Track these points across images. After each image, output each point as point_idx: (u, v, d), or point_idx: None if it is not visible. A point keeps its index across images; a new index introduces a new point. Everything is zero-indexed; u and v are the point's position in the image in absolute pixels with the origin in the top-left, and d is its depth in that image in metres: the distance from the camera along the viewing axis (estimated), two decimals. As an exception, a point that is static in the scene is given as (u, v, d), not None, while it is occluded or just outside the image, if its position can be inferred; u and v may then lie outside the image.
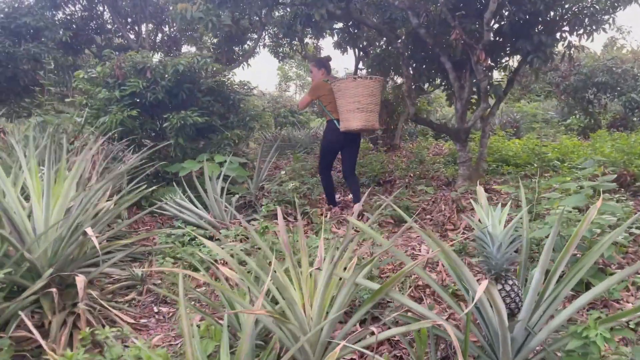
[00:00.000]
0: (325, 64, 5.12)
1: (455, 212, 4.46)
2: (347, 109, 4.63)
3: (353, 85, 4.56)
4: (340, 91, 4.64)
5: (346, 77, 5.10)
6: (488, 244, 1.72)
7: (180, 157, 5.49)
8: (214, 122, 5.70)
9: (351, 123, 4.64)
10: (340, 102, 4.69)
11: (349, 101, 4.61)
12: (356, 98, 4.59)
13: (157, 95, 5.29)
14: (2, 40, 7.71)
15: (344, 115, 4.69)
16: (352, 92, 4.57)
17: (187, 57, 5.47)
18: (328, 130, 5.05)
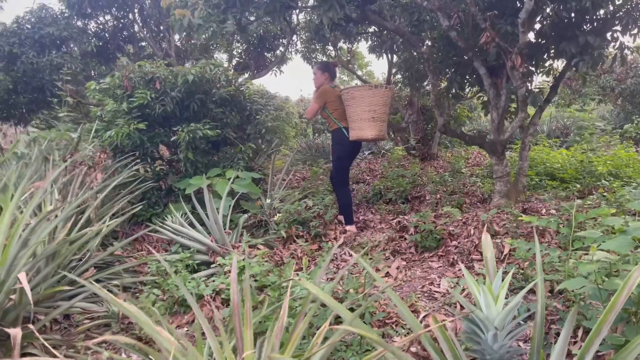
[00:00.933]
0: (330, 69, 4.89)
1: (486, 238, 3.97)
2: (361, 117, 4.49)
3: (369, 94, 4.44)
4: (355, 99, 4.49)
5: (361, 86, 4.83)
6: (481, 329, 1.30)
7: (191, 172, 5.24)
8: (227, 135, 5.42)
9: (365, 132, 4.53)
10: (354, 111, 4.53)
11: (364, 110, 4.49)
12: (372, 107, 4.51)
13: (167, 107, 5.06)
14: (27, 50, 7.76)
15: (357, 124, 4.54)
16: (368, 100, 4.44)
17: (198, 67, 5.23)
18: (337, 140, 4.76)
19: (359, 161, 11.32)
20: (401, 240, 4.22)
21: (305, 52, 11.97)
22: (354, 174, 8.58)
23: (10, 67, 7.84)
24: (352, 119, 4.60)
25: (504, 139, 5.26)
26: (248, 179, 4.99)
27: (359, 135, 4.57)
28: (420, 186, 6.77)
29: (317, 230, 4.34)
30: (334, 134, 4.82)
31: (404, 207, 5.36)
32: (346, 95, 4.61)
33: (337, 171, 4.81)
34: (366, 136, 4.53)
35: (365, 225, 4.89)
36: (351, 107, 4.58)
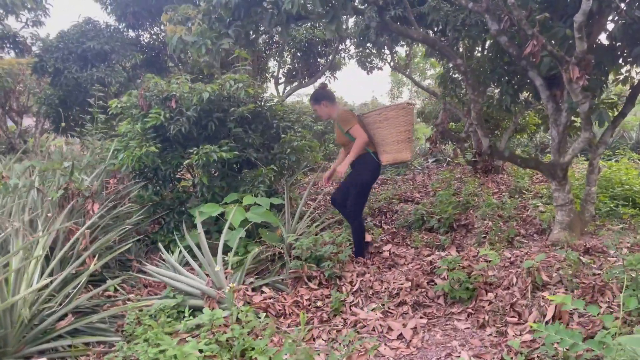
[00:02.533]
0: (326, 95, 4.50)
1: (529, 290, 3.32)
2: (397, 139, 4.26)
3: (403, 114, 4.23)
4: (388, 120, 4.23)
5: (394, 105, 4.39)
6: None
7: (207, 197, 4.92)
8: (249, 156, 5.05)
9: (403, 154, 4.33)
10: (388, 132, 4.25)
11: (400, 130, 4.27)
12: (407, 127, 4.32)
13: (181, 128, 4.77)
14: (70, 65, 7.86)
15: (393, 147, 4.28)
16: (402, 120, 4.24)
17: (217, 83, 4.90)
18: (366, 165, 4.30)
19: (413, 175, 10.65)
20: (429, 287, 3.63)
21: (359, 57, 11.47)
22: (403, 191, 7.95)
23: (56, 81, 7.99)
24: (386, 141, 4.30)
25: (565, 162, 4.50)
26: (266, 205, 4.58)
27: (395, 158, 4.31)
28: (474, 208, 6.08)
29: (331, 271, 3.84)
30: (363, 159, 4.30)
31: (443, 240, 4.73)
32: (376, 117, 4.30)
33: (356, 202, 4.33)
34: (404, 157, 4.32)
35: (394, 262, 4.33)
36: (384, 129, 4.28)
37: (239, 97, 4.95)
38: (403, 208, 6.60)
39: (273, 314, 3.41)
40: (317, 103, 4.49)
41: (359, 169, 4.35)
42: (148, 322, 3.15)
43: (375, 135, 4.33)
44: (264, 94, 5.39)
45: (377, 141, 4.33)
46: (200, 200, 5.08)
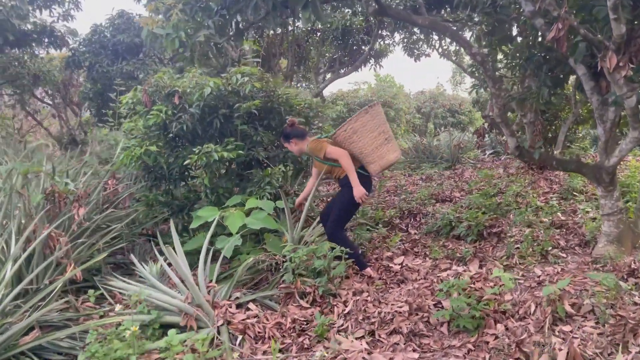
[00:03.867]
0: (295, 132, 4.26)
1: (548, 322, 2.81)
2: (375, 145, 3.98)
3: (369, 118, 3.99)
4: (357, 132, 3.95)
5: (355, 116, 4.03)
6: None
7: (211, 199, 4.69)
8: (257, 156, 4.76)
9: (388, 156, 4.07)
10: (364, 143, 3.95)
11: (374, 136, 3.98)
12: (380, 129, 4.04)
13: (183, 126, 4.55)
14: (102, 59, 7.89)
15: (376, 154, 3.99)
16: (371, 125, 3.99)
17: (220, 78, 4.63)
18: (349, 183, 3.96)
19: (462, 170, 9.99)
20: (433, 311, 3.19)
21: (406, 44, 10.87)
22: (442, 189, 7.40)
23: (90, 75, 8.06)
24: (366, 152, 3.99)
25: (611, 165, 3.87)
26: (269, 209, 4.27)
27: (382, 164, 4.03)
28: (514, 212, 5.48)
29: (325, 288, 3.48)
30: (346, 179, 3.99)
31: (465, 252, 4.23)
32: (344, 134, 4.00)
33: (340, 219, 4.04)
34: (392, 159, 4.10)
35: (404, 277, 3.90)
36: (359, 142, 3.98)
37: (245, 92, 4.65)
38: (436, 210, 6.09)
39: (251, 337, 3.11)
40: (286, 141, 4.31)
41: (345, 189, 4.04)
42: (114, 341, 2.94)
43: (353, 150, 4.01)
44: (277, 87, 5.06)
45: (358, 155, 4.03)
46: (207, 202, 4.86)
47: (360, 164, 4.03)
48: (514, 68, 4.79)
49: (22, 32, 8.33)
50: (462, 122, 19.78)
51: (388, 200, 7.18)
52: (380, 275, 3.96)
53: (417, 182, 9.03)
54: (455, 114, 19.79)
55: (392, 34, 10.13)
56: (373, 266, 4.13)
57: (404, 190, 7.99)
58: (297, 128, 4.32)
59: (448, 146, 11.55)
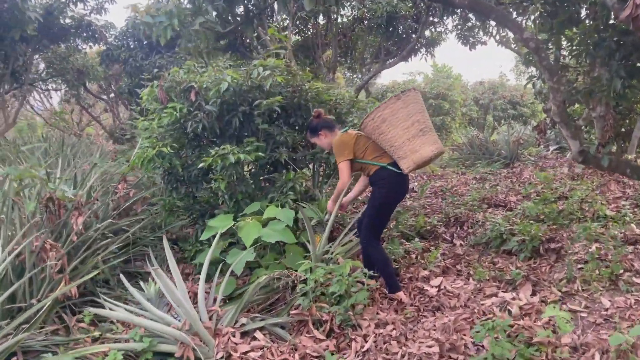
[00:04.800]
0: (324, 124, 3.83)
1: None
2: (407, 137, 3.40)
3: (402, 105, 3.42)
4: (387, 121, 3.41)
5: (385, 102, 3.50)
6: None
7: (229, 205, 4.31)
8: (281, 158, 4.32)
9: (423, 151, 3.39)
10: (394, 134, 3.41)
11: (406, 126, 3.41)
12: (413, 118, 3.44)
13: (199, 125, 4.18)
14: (136, 53, 7.71)
15: (407, 147, 3.39)
16: (403, 113, 3.42)
17: (239, 72, 4.22)
18: (381, 182, 3.49)
19: (521, 168, 9.20)
20: (468, 353, 2.66)
21: (460, 31, 10.10)
22: (496, 192, 6.72)
23: (125, 70, 7.91)
24: (396, 145, 3.43)
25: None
26: (288, 220, 3.84)
27: (415, 159, 3.39)
28: (577, 223, 4.79)
29: (344, 317, 3.01)
30: (375, 177, 3.53)
31: (515, 274, 3.63)
32: (372, 124, 3.50)
33: (373, 225, 3.51)
34: (427, 155, 3.40)
35: (440, 303, 3.35)
36: (388, 132, 3.44)
37: (268, 87, 4.21)
38: (487, 217, 5.46)
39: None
40: (313, 135, 3.87)
41: (375, 188, 3.56)
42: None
43: (382, 143, 3.50)
44: (304, 81, 4.59)
45: (388, 149, 3.49)
46: (227, 209, 4.48)
47: (390, 159, 3.49)
48: (579, 56, 4.10)
49: (61, 26, 8.31)
50: (523, 114, 18.59)
51: (433, 204, 6.59)
52: (413, 301, 3.44)
53: (470, 182, 8.35)
54: (517, 105, 18.61)
55: (442, 19, 9.42)
56: (406, 288, 3.60)
57: (452, 192, 7.35)
58: (325, 119, 3.86)
59: (506, 142, 10.70)
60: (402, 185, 3.48)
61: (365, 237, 3.51)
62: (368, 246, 3.50)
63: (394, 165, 3.44)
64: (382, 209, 3.45)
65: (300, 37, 11.62)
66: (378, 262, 3.47)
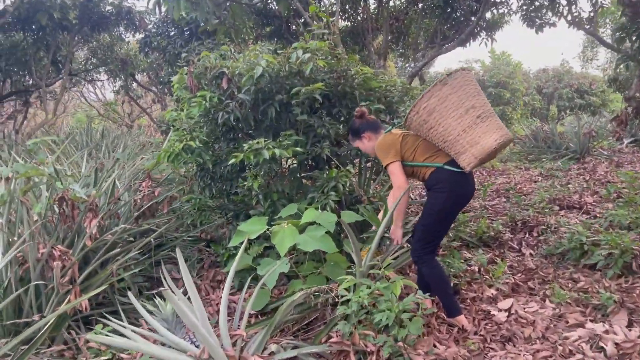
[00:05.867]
0: (373, 124, 3.27)
1: None
2: (462, 127, 2.80)
3: (450, 90, 2.81)
4: (435, 112, 2.84)
5: (429, 88, 2.86)
6: None
7: (264, 206, 3.86)
8: (322, 153, 3.83)
9: (486, 141, 2.75)
10: (444, 128, 2.83)
11: (458, 114, 2.80)
12: (467, 104, 2.80)
13: (230, 116, 3.75)
14: (174, 40, 7.41)
15: (464, 140, 2.79)
16: (454, 100, 2.81)
17: (274, 56, 3.76)
18: (441, 184, 2.90)
19: (594, 164, 8.34)
20: None
21: (525, 12, 9.24)
22: (567, 192, 5.98)
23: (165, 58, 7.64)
24: (450, 140, 2.83)
25: None
26: (329, 225, 3.35)
27: (478, 152, 2.74)
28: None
29: (393, 349, 2.49)
30: (432, 180, 2.94)
31: (605, 298, 2.99)
32: (418, 118, 2.90)
33: (428, 237, 2.95)
34: (490, 145, 2.73)
35: (511, 333, 2.78)
36: (438, 126, 2.85)
37: (307, 73, 3.72)
38: (561, 222, 4.78)
39: None
40: (356, 137, 3.29)
41: (432, 193, 2.94)
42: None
43: (434, 139, 2.90)
44: (350, 66, 4.07)
45: (442, 145, 2.89)
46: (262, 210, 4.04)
47: (447, 157, 2.90)
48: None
49: (101, 13, 8.12)
50: (592, 104, 17.29)
51: (496, 204, 5.93)
52: (477, 328, 2.88)
53: (535, 179, 7.59)
54: (585, 94, 17.32)
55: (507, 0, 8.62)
56: (468, 311, 3.05)
57: (517, 190, 6.65)
58: (370, 119, 3.31)
59: (576, 134, 9.76)
60: (465, 186, 2.90)
61: (416, 250, 2.97)
62: (420, 262, 2.96)
63: (453, 164, 2.86)
64: (441, 217, 2.89)
65: (350, 23, 11.07)
66: (433, 281, 2.93)
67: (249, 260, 3.61)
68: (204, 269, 4.51)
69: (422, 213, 3.01)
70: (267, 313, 3.45)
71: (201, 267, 4.58)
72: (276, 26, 10.10)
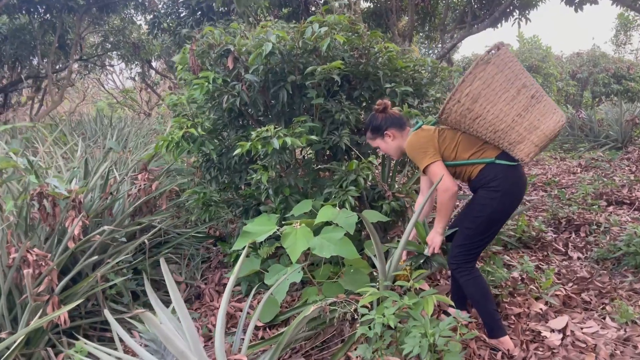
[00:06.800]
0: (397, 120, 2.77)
1: None
2: (516, 112, 2.32)
3: (495, 69, 2.31)
4: (480, 98, 2.35)
5: (467, 74, 2.36)
6: None
7: (274, 203, 3.44)
8: (340, 143, 3.38)
9: (547, 124, 2.30)
10: (495, 115, 2.35)
11: (509, 97, 2.32)
12: (518, 82, 2.32)
13: (236, 100, 3.32)
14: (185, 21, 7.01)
15: (521, 126, 2.32)
16: (501, 80, 2.32)
17: (285, 31, 3.32)
18: (495, 182, 2.41)
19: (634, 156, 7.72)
20: None
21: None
22: (613, 185, 5.42)
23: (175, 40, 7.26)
24: (503, 128, 2.35)
25: None
26: (348, 226, 2.92)
27: (538, 139, 2.30)
28: None
29: (426, 382, 2.05)
30: (482, 179, 2.45)
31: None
32: (459, 108, 2.40)
33: (471, 244, 2.48)
34: (553, 128, 2.29)
35: (567, 358, 2.31)
36: (487, 114, 2.36)
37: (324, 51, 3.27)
38: (611, 220, 4.26)
39: None
40: (378, 135, 2.80)
41: (482, 193, 2.44)
42: None
43: (481, 131, 2.41)
44: (373, 43, 3.60)
45: (491, 137, 2.40)
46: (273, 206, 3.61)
47: (497, 150, 2.43)
48: None
49: (108, -6, 7.77)
50: (630, 89, 16.39)
51: (534, 199, 5.40)
52: (526, 353, 2.41)
53: (574, 171, 7.03)
54: (622, 80, 16.43)
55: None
56: (513, 331, 2.59)
57: (556, 184, 6.11)
58: (394, 114, 2.82)
59: (617, 121, 9.10)
60: (519, 183, 2.41)
61: (455, 257, 2.51)
62: (458, 271, 2.50)
63: (506, 157, 2.39)
64: (493, 221, 2.41)
65: (372, 4, 10.54)
66: (473, 294, 2.47)
67: (256, 264, 3.19)
68: (210, 269, 4.13)
69: (466, 214, 2.53)
70: (276, 325, 3.04)
71: (208, 267, 4.20)
72: (294, 7, 9.63)
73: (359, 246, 3.44)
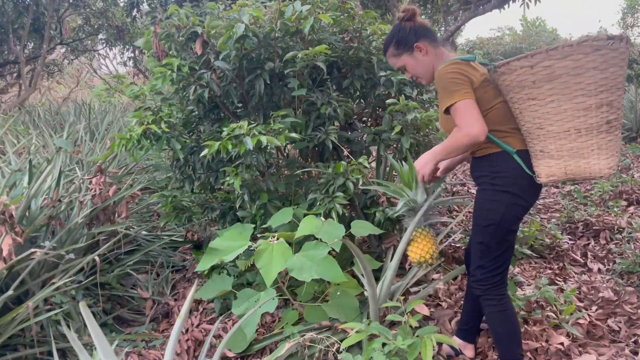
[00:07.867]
0: (429, 31, 2.16)
1: None
2: (575, 127, 1.78)
3: (596, 63, 1.70)
4: (555, 81, 1.76)
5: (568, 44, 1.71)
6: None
7: (250, 209, 3.01)
8: (328, 140, 2.95)
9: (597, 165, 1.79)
10: (555, 113, 1.80)
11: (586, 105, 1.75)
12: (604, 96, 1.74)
13: (204, 91, 2.88)
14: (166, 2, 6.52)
15: (569, 145, 1.81)
16: (593, 80, 1.72)
17: (259, 9, 2.87)
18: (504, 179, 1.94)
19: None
20: None
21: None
22: (634, 182, 4.97)
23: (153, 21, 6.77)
24: (551, 131, 1.82)
25: None
26: (333, 239, 2.48)
27: (575, 171, 1.82)
28: None
29: None
30: (490, 166, 1.97)
31: None
32: (526, 75, 1.81)
33: (494, 263, 1.99)
34: (599, 171, 1.78)
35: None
36: (545, 105, 1.81)
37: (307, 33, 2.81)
38: (634, 225, 3.84)
39: None
40: (404, 50, 2.15)
41: (488, 188, 1.97)
42: None
43: (524, 117, 1.88)
44: (364, 25, 3.14)
45: (527, 129, 1.89)
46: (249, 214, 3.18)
47: (524, 144, 1.92)
48: None
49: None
50: (641, 75, 15.86)
51: (545, 197, 4.97)
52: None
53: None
54: (633, 64, 15.90)
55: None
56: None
57: (569, 179, 5.67)
58: (423, 24, 2.18)
59: (631, 109, 8.59)
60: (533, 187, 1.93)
61: (481, 282, 2.00)
62: (485, 298, 2.02)
63: (526, 159, 1.91)
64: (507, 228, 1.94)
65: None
66: (499, 333, 2.01)
67: (228, 283, 2.77)
68: (184, 280, 3.72)
69: (474, 225, 2.06)
70: (250, 356, 2.63)
71: (182, 277, 3.79)
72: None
73: (348, 257, 3.04)
